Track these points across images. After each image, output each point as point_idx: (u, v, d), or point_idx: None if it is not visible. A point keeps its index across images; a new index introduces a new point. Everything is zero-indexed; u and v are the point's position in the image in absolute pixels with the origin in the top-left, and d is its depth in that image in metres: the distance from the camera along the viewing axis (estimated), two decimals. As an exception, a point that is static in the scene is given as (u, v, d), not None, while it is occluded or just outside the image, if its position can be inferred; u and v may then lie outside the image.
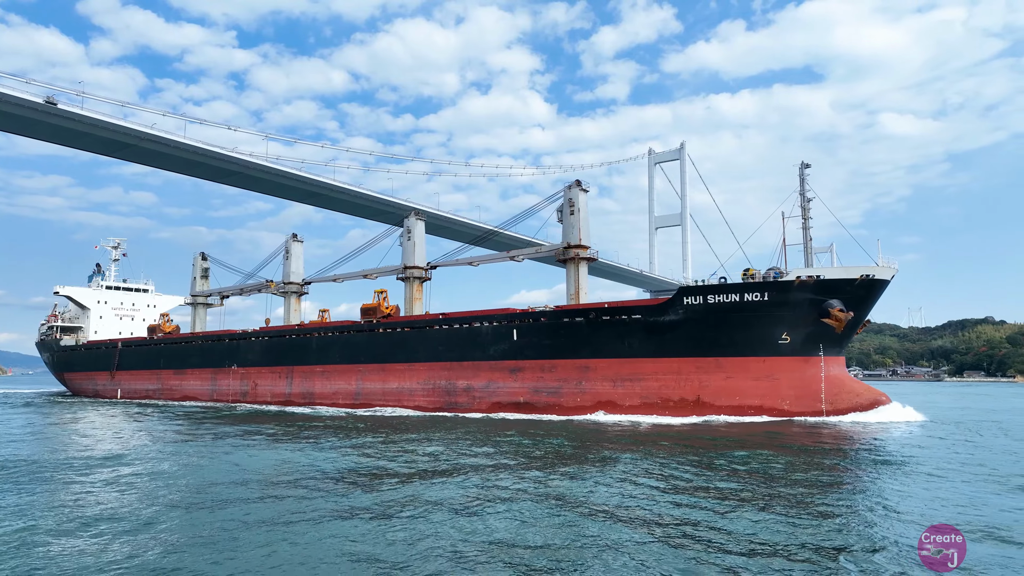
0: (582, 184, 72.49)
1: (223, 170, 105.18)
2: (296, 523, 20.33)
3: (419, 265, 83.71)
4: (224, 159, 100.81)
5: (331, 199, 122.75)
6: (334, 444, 40.70)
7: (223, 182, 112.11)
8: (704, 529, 19.52)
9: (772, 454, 35.39)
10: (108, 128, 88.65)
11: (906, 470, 30.24)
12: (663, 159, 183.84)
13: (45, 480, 28.48)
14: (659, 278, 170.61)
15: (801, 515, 21.19)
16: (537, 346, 63.96)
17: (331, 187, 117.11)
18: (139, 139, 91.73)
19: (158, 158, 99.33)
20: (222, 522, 20.52)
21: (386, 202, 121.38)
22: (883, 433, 46.70)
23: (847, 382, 58.71)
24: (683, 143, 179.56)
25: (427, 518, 20.78)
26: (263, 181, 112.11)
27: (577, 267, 71.58)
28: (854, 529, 19.71)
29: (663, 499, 23.71)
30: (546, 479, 27.75)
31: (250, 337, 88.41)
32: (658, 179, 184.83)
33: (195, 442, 43.19)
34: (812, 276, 55.77)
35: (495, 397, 65.53)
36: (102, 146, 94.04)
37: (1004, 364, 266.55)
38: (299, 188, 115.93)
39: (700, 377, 58.28)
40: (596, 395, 61.20)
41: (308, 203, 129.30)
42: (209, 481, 27.98)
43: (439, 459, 33.97)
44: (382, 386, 73.17)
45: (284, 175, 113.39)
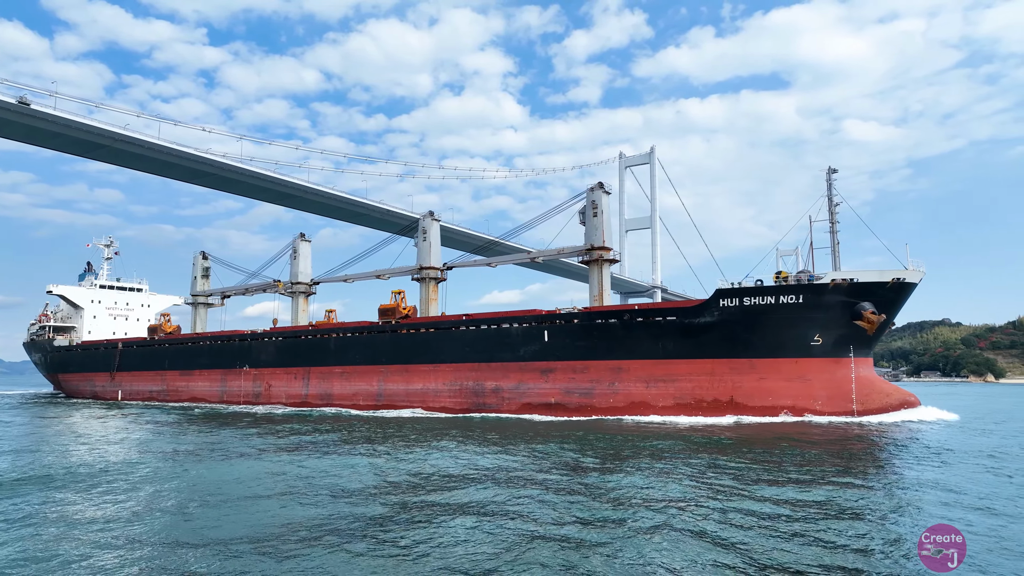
0: (604, 186, 71.58)
1: (198, 171, 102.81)
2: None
3: (435, 266, 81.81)
4: (199, 161, 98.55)
5: (332, 208, 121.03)
6: (448, 447, 38.90)
7: (198, 183, 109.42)
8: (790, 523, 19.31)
9: (825, 452, 35.74)
10: (81, 129, 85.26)
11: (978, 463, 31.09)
12: (633, 163, 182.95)
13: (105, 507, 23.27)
14: (629, 280, 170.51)
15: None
16: (569, 347, 62.78)
17: (330, 195, 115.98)
18: (112, 140, 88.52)
19: (132, 159, 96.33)
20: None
21: (373, 207, 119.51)
22: (922, 431, 46.82)
23: (877, 383, 58.83)
24: (653, 147, 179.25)
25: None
26: (239, 183, 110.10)
27: (600, 269, 70.57)
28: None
29: (728, 496, 23.94)
30: (622, 472, 26.75)
31: (262, 337, 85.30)
32: (629, 182, 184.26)
33: (292, 455, 35.95)
34: (846, 279, 55.72)
35: (525, 398, 64.13)
36: (75, 146, 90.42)
37: (958, 364, 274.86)
38: (273, 190, 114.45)
39: (733, 378, 57.79)
40: (629, 396, 60.27)
41: (282, 204, 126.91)
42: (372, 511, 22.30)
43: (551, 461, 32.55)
44: (406, 387, 71.11)
45: (273, 181, 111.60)
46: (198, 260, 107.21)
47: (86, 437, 47.52)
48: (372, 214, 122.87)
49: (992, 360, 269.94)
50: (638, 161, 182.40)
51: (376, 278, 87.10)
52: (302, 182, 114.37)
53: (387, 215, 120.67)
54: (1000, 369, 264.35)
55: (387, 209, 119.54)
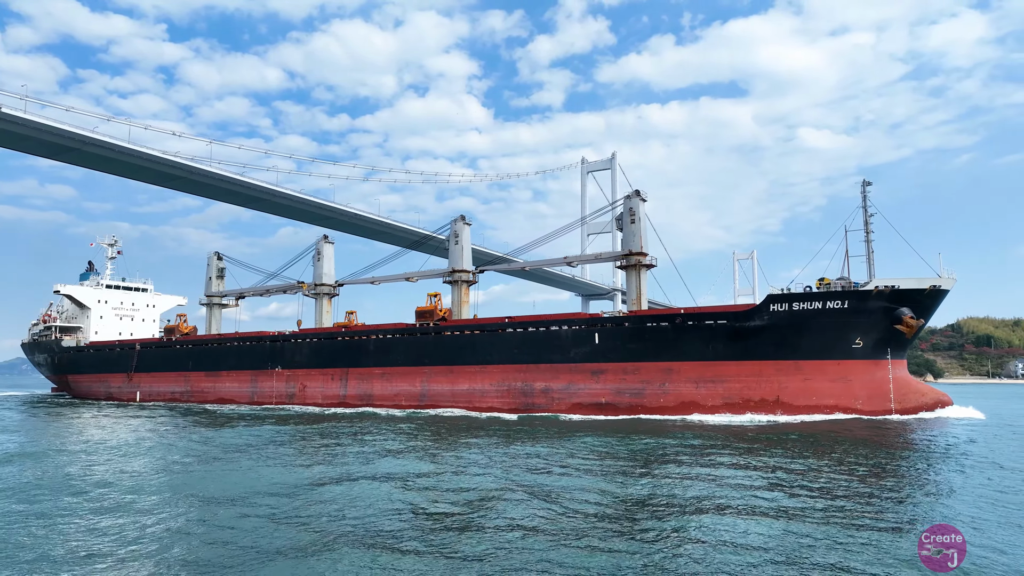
0: (641, 194, 71.97)
1: (168, 175, 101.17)
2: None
3: (467, 269, 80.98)
4: (187, 170, 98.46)
5: (344, 224, 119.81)
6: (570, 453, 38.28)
7: (167, 186, 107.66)
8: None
9: (874, 447, 38.13)
10: (54, 132, 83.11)
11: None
12: (595, 168, 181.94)
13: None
14: (590, 283, 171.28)
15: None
16: (620, 349, 62.87)
17: (343, 212, 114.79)
18: (83, 143, 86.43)
19: (105, 163, 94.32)
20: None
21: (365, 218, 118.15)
22: (956, 429, 48.77)
23: (912, 383, 60.62)
24: (614, 153, 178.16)
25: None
26: (236, 194, 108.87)
27: (639, 274, 70.83)
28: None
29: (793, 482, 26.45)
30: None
31: (294, 339, 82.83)
32: (591, 185, 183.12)
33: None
34: (888, 286, 57.26)
35: (575, 398, 63.92)
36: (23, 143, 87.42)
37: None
38: (269, 201, 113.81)
39: (780, 379, 58.80)
40: (679, 396, 60.70)
41: (280, 215, 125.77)
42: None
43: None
44: (451, 388, 70.03)
45: (271, 192, 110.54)
46: (212, 261, 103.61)
47: (178, 450, 41.54)
48: (387, 231, 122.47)
49: (932, 361, 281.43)
50: (600, 167, 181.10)
51: (405, 280, 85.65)
52: (303, 195, 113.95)
53: (400, 231, 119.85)
54: (939, 369, 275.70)
55: (402, 227, 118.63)
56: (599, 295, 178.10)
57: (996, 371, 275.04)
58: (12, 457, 35.48)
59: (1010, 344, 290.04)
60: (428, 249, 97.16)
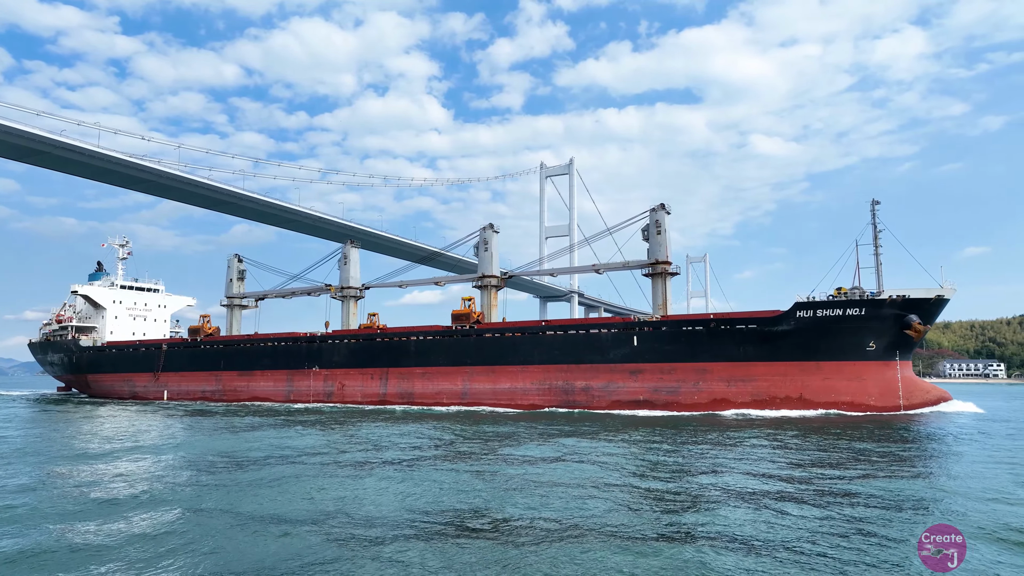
0: (666, 207, 75.22)
1: (132, 177, 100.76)
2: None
3: (495, 275, 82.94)
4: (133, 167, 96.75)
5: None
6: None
7: (126, 186, 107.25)
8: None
9: (887, 435, 43.37)
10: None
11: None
12: (553, 172, 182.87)
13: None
14: (549, 285, 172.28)
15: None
16: (657, 351, 65.88)
17: (340, 225, 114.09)
18: (53, 147, 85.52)
19: (41, 158, 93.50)
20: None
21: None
22: (957, 421, 54.25)
23: (917, 382, 65.46)
24: (572, 159, 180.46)
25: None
26: (230, 204, 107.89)
27: (664, 281, 74.09)
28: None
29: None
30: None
31: (331, 340, 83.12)
32: (549, 188, 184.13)
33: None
34: (900, 295, 61.85)
35: (614, 396, 66.62)
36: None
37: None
38: (264, 211, 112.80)
39: (802, 378, 62.79)
40: (712, 393, 64.08)
41: (275, 225, 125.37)
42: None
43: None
44: (492, 387, 71.84)
45: (268, 204, 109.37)
46: (233, 263, 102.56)
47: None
48: (393, 245, 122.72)
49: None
50: (558, 172, 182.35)
51: (435, 284, 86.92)
52: (303, 208, 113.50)
53: (405, 246, 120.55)
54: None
55: (412, 243, 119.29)
56: (556, 297, 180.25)
57: (927, 371, 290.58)
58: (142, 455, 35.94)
59: (940, 346, 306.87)
60: (439, 264, 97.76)
